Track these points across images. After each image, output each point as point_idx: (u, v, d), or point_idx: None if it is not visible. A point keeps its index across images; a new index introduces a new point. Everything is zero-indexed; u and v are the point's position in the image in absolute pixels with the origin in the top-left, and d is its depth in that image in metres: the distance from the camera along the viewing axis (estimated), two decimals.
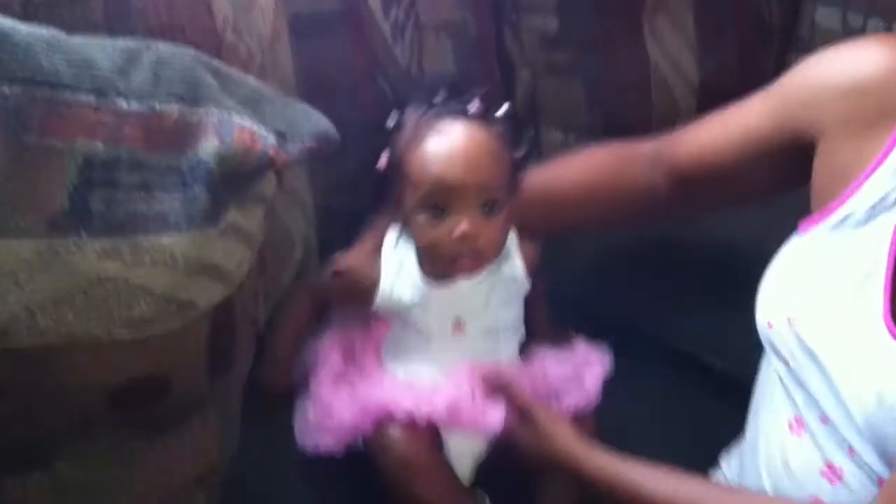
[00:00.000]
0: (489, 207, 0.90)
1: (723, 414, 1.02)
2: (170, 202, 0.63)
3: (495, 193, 0.90)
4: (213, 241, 0.66)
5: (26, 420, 0.57)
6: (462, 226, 0.88)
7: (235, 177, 0.69)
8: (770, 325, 0.82)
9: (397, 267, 0.94)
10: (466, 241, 0.89)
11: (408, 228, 0.94)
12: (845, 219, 0.78)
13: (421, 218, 0.90)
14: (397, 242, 0.95)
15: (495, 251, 0.94)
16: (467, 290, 0.95)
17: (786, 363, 0.82)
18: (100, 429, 0.61)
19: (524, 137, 0.97)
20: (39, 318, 0.56)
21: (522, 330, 1.02)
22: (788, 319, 0.80)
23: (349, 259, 0.96)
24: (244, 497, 0.83)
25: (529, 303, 1.01)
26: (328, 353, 0.98)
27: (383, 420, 0.92)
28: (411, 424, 0.91)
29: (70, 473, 0.60)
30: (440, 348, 0.97)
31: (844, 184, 0.79)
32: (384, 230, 0.97)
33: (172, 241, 0.62)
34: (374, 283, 0.94)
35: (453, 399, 0.92)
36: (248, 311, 0.72)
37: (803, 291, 0.80)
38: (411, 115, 0.92)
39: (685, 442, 1.03)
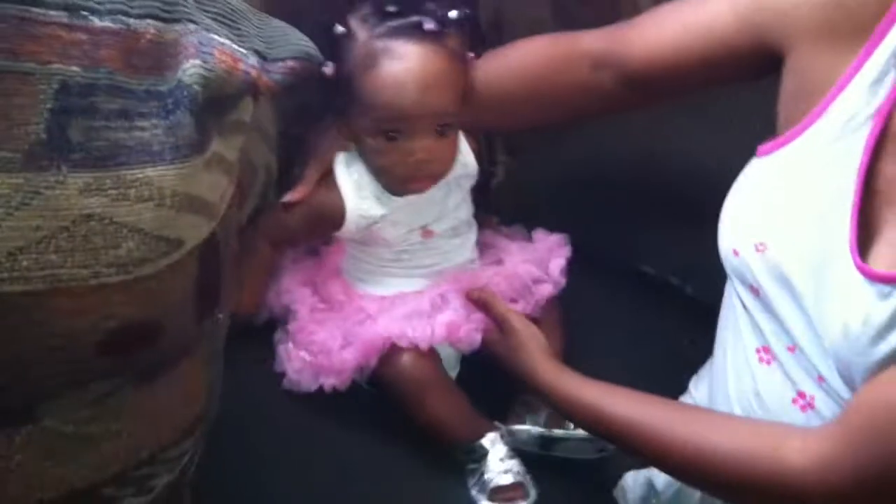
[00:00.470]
0: (443, 128, 0.89)
1: (691, 338, 1.03)
2: (152, 130, 0.58)
3: (451, 117, 0.89)
4: (200, 173, 0.61)
5: (11, 371, 0.52)
6: (418, 154, 0.88)
7: (216, 102, 0.64)
8: (736, 253, 0.80)
9: (357, 185, 0.93)
10: (422, 165, 0.89)
11: (358, 147, 0.93)
12: (814, 139, 0.76)
13: (373, 141, 0.89)
14: (348, 162, 0.94)
15: (449, 167, 0.94)
16: (429, 195, 0.95)
17: (754, 291, 0.80)
18: (88, 379, 0.57)
19: (483, 38, 0.96)
20: (22, 260, 0.51)
21: (475, 225, 1.04)
22: (756, 245, 0.78)
23: (299, 194, 0.94)
24: (233, 442, 0.80)
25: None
26: (300, 290, 0.97)
27: (388, 351, 0.92)
28: (415, 348, 0.93)
29: (58, 426, 0.56)
30: (411, 257, 0.98)
31: (813, 102, 0.76)
32: (324, 158, 0.95)
33: (158, 174, 0.57)
34: (339, 207, 0.93)
35: (449, 321, 0.94)
36: (230, 247, 0.68)
37: (772, 216, 0.78)
38: (361, 27, 0.88)
39: (653, 366, 1.04)
